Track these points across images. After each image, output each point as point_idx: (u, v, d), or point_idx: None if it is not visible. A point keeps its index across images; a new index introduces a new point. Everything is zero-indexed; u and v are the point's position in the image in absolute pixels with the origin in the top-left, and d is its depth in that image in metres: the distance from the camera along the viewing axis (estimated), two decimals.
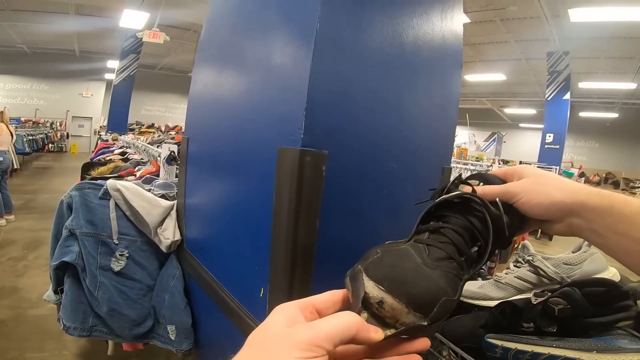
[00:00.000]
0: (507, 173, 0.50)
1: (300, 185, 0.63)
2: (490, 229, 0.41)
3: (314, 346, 0.25)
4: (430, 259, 0.37)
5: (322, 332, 0.26)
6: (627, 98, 10.90)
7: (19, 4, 8.48)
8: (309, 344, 0.25)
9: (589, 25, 6.39)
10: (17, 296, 2.59)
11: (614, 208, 0.38)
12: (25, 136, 9.56)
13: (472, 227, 0.42)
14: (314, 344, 0.25)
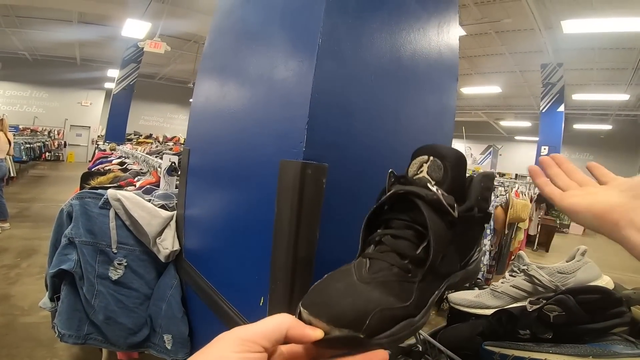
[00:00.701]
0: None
1: (301, 197, 0.65)
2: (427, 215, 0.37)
3: (249, 342, 0.27)
4: (369, 273, 0.38)
5: (256, 329, 0.28)
6: (621, 109, 11.07)
7: (23, 11, 8.58)
8: (245, 340, 0.27)
9: (582, 37, 6.54)
10: (8, 304, 2.56)
11: None
12: (23, 144, 9.54)
13: (414, 223, 0.39)
14: (249, 340, 0.27)
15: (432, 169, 0.40)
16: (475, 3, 6.79)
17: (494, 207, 4.06)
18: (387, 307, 0.35)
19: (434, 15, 0.95)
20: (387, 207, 0.43)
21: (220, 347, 0.26)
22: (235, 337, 0.27)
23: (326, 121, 0.69)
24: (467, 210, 0.40)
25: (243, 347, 0.26)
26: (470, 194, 0.42)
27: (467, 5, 6.74)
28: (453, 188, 0.40)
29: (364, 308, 0.34)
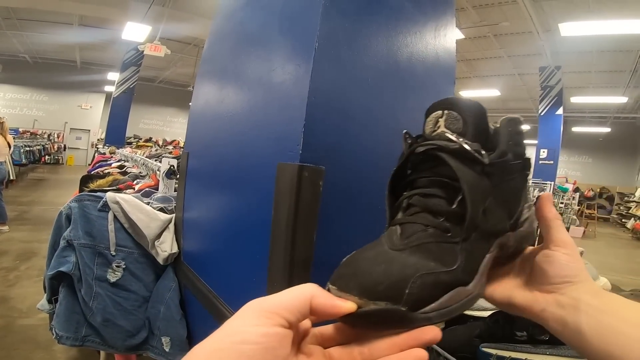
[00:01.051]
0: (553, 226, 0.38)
1: (298, 199, 0.65)
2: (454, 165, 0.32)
3: (269, 313, 0.24)
4: (401, 239, 0.33)
5: (276, 300, 0.26)
6: (619, 112, 11.12)
7: (24, 13, 8.62)
8: (264, 311, 0.24)
9: (580, 39, 6.58)
10: (7, 306, 2.56)
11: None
12: (23, 147, 9.55)
13: (442, 177, 0.34)
14: (269, 312, 0.24)
15: (449, 122, 0.35)
16: (474, 6, 6.83)
17: None
18: (428, 272, 0.30)
19: (431, 18, 0.96)
20: (409, 171, 0.37)
21: (239, 320, 0.24)
22: (254, 308, 0.25)
23: (323, 124, 0.69)
24: (499, 157, 0.35)
25: (263, 320, 0.24)
26: (499, 141, 0.36)
27: (465, 8, 6.79)
28: (477, 137, 0.34)
29: (401, 275, 0.29)
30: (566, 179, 11.10)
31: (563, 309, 0.33)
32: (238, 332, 0.23)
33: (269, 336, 0.23)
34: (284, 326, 0.24)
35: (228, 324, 0.24)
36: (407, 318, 0.28)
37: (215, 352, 0.22)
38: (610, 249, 7.80)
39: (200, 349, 0.23)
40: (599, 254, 6.79)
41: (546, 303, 0.34)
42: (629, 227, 11.08)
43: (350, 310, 0.27)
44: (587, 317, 0.31)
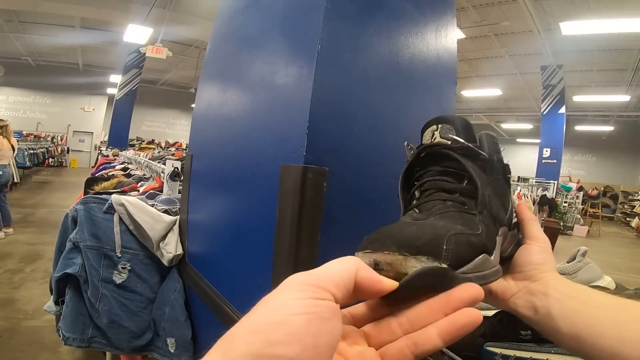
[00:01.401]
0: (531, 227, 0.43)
1: (302, 200, 0.66)
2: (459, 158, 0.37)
3: (314, 287, 0.22)
4: (423, 214, 0.35)
5: (321, 273, 0.23)
6: (622, 110, 11.06)
7: (26, 16, 8.67)
8: (308, 285, 0.22)
9: (581, 38, 6.56)
10: (12, 308, 2.57)
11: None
12: (26, 150, 9.61)
13: (448, 168, 0.38)
14: (314, 285, 0.22)
15: (444, 132, 0.40)
16: (474, 6, 6.82)
17: None
18: (459, 232, 0.30)
19: (432, 19, 0.97)
20: (417, 170, 0.41)
21: (282, 294, 0.21)
22: (298, 282, 0.22)
23: (327, 125, 0.70)
24: (489, 155, 0.40)
25: (307, 294, 0.21)
26: (484, 146, 0.42)
27: (465, 8, 6.78)
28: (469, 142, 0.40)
29: (434, 233, 0.28)
30: (569, 177, 11.06)
31: (533, 295, 0.35)
32: (286, 305, 0.21)
33: (320, 307, 0.21)
34: (329, 299, 0.22)
35: (271, 298, 0.22)
36: (450, 277, 0.27)
37: (263, 327, 0.19)
38: (615, 248, 7.75)
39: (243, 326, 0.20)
40: (604, 253, 6.76)
41: (518, 289, 0.37)
42: (633, 226, 11.02)
43: (393, 288, 0.25)
44: (556, 302, 0.33)
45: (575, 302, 0.33)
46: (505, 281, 0.39)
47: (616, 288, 0.90)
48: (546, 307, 0.34)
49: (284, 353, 0.18)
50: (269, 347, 0.18)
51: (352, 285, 0.24)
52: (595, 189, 13.59)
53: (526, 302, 0.36)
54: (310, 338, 0.19)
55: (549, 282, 0.36)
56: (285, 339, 0.19)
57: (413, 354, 0.25)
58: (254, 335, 0.19)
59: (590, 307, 0.32)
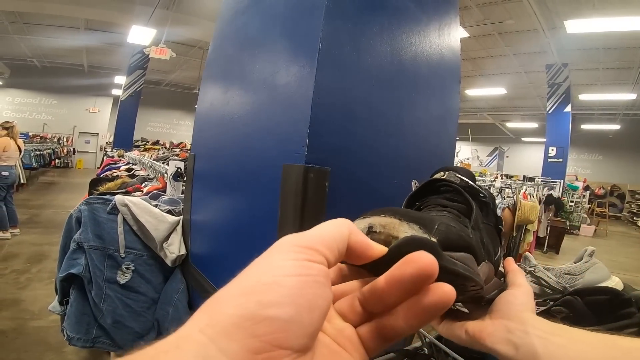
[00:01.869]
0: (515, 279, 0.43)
1: (304, 200, 0.66)
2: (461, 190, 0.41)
3: (306, 249, 0.21)
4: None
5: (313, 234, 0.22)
6: (628, 109, 10.93)
7: (31, 18, 8.75)
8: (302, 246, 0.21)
9: (586, 37, 6.49)
10: (18, 308, 2.59)
11: None
12: (33, 151, 9.70)
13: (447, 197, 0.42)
14: (306, 247, 0.21)
15: (449, 176, 0.44)
16: (477, 4, 6.78)
17: (501, 209, 4.03)
18: (451, 224, 0.31)
19: (434, 18, 0.96)
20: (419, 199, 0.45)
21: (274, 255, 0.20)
22: (290, 243, 0.21)
23: (328, 125, 0.70)
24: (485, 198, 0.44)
25: (300, 255, 0.20)
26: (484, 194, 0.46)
27: (468, 7, 6.73)
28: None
29: (428, 217, 0.30)
30: (576, 177, 10.95)
31: (511, 332, 0.34)
32: (279, 266, 0.19)
33: (313, 269, 0.20)
34: (321, 262, 0.21)
35: (262, 260, 0.20)
36: (437, 252, 0.26)
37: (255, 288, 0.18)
38: (622, 248, 7.67)
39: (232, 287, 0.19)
40: (611, 253, 6.69)
41: (494, 328, 0.36)
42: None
43: (382, 253, 0.25)
44: (539, 339, 0.32)
45: (560, 339, 0.32)
46: (482, 321, 0.38)
47: (624, 288, 0.88)
48: (529, 345, 0.32)
49: (278, 315, 0.17)
50: (262, 308, 0.17)
51: (345, 249, 0.23)
52: (602, 188, 13.46)
53: (504, 340, 0.35)
54: (305, 301, 0.18)
55: (527, 320, 0.35)
56: (279, 301, 0.17)
57: (384, 337, 0.24)
58: (244, 296, 0.18)
59: (576, 342, 0.31)
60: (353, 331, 0.24)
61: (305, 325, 0.18)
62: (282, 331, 0.17)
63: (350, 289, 0.27)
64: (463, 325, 0.39)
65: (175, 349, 0.16)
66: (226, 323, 0.17)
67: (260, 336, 0.16)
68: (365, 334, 0.24)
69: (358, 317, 0.25)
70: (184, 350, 0.16)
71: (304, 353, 0.18)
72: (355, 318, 0.25)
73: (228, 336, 0.16)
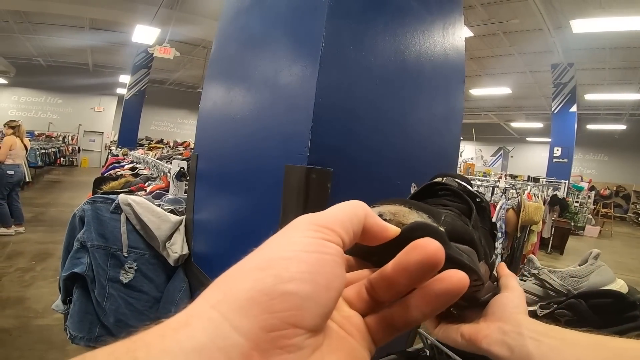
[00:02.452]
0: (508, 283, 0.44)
1: (306, 201, 0.65)
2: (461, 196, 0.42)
3: (324, 227, 0.20)
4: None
5: (330, 214, 0.22)
6: (634, 109, 10.83)
7: (36, 17, 8.82)
8: (319, 225, 0.20)
9: (592, 36, 6.43)
10: (23, 306, 2.61)
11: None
12: (38, 150, 9.77)
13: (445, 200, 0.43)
14: (322, 226, 0.20)
15: (448, 181, 0.45)
16: (482, 4, 6.73)
17: (506, 210, 4.00)
18: (455, 218, 0.32)
19: (438, 17, 0.95)
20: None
21: (292, 232, 0.20)
22: (308, 221, 0.21)
23: (331, 125, 0.69)
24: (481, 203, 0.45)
25: (316, 234, 0.20)
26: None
27: (473, 6, 6.69)
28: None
29: (435, 209, 0.31)
30: (581, 177, 10.87)
31: (506, 334, 0.35)
32: (298, 242, 0.19)
33: (330, 247, 0.19)
34: (337, 242, 0.20)
35: (280, 236, 0.20)
36: (444, 241, 0.26)
37: (273, 262, 0.18)
38: (627, 249, 7.60)
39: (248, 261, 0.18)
40: (616, 254, 6.63)
41: (489, 330, 0.36)
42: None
43: (396, 234, 0.25)
44: (532, 340, 0.33)
45: (553, 340, 0.32)
46: (477, 324, 0.39)
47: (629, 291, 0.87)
48: (523, 346, 0.33)
49: (296, 290, 0.16)
50: (280, 283, 0.16)
51: (360, 231, 0.23)
52: (607, 189, 13.34)
53: (499, 342, 0.35)
54: (324, 279, 0.18)
55: (521, 322, 0.36)
56: (298, 276, 0.17)
57: (393, 327, 0.24)
58: (262, 271, 0.17)
59: (569, 344, 0.32)
60: (360, 319, 0.24)
61: (322, 304, 0.18)
62: (299, 308, 0.16)
63: (358, 278, 0.26)
64: (459, 329, 0.39)
65: (185, 327, 0.15)
66: (241, 298, 0.16)
67: (276, 312, 0.16)
68: (373, 323, 0.24)
69: (365, 306, 0.24)
70: (193, 327, 0.15)
71: (316, 334, 0.18)
72: (362, 306, 0.24)
73: (242, 312, 0.16)
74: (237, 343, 0.15)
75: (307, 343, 0.17)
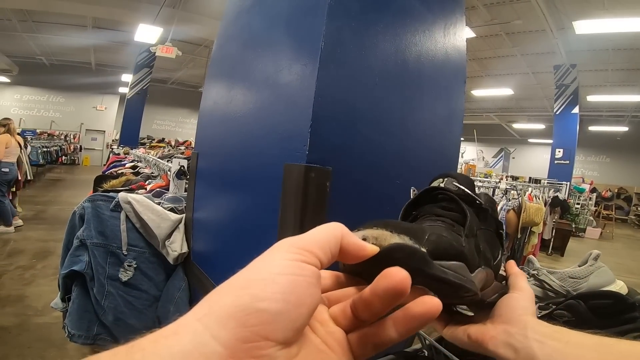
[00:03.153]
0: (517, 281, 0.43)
1: (305, 200, 0.65)
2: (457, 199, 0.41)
3: (302, 249, 0.23)
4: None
5: (308, 236, 0.24)
6: (637, 111, 10.79)
7: (40, 16, 8.84)
8: (298, 247, 0.23)
9: (595, 37, 6.41)
10: (22, 304, 2.61)
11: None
12: (40, 148, 9.80)
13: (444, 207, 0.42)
14: (301, 248, 0.23)
15: (447, 184, 0.44)
16: (484, 4, 6.72)
17: (506, 211, 4.00)
18: (442, 234, 0.32)
19: (440, 17, 0.95)
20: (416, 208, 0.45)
21: (272, 254, 0.22)
22: (287, 244, 0.23)
23: (330, 124, 0.69)
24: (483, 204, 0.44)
25: (296, 256, 0.22)
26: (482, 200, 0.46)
27: (476, 7, 6.68)
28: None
29: (420, 227, 0.31)
30: (582, 179, 10.83)
31: (511, 336, 0.35)
32: (275, 265, 0.21)
33: (305, 269, 0.22)
34: (315, 263, 0.23)
35: (261, 258, 0.22)
36: (427, 261, 0.28)
37: (251, 282, 0.20)
38: (628, 251, 7.57)
39: (232, 281, 0.21)
40: (617, 256, 6.61)
41: (495, 331, 0.37)
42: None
43: (374, 252, 0.26)
44: (537, 342, 0.33)
45: (557, 343, 0.33)
46: (484, 325, 0.39)
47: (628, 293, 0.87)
48: (528, 348, 0.34)
49: (268, 308, 0.19)
50: (255, 301, 0.19)
51: (337, 250, 0.25)
52: (608, 191, 13.30)
53: (505, 344, 0.36)
54: (294, 298, 0.20)
55: (527, 324, 0.36)
56: (270, 296, 0.19)
57: (372, 344, 0.26)
58: (242, 290, 0.20)
59: (573, 346, 0.32)
60: (343, 335, 0.26)
61: (292, 319, 0.20)
62: (270, 323, 0.19)
63: (345, 296, 0.28)
64: (466, 330, 0.40)
65: (174, 335, 0.18)
66: (222, 313, 0.19)
67: (250, 327, 0.18)
68: (355, 339, 0.26)
69: (349, 323, 0.26)
70: (180, 335, 0.18)
71: (288, 346, 0.20)
72: (347, 323, 0.26)
73: (221, 325, 0.18)
74: (216, 351, 0.18)
75: (279, 354, 0.19)
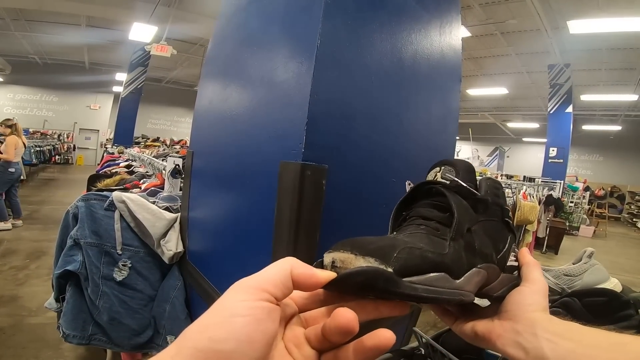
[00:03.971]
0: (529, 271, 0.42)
1: (301, 198, 0.65)
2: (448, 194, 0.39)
3: (255, 289, 0.25)
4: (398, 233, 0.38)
5: (260, 275, 0.27)
6: (630, 110, 10.90)
7: (33, 15, 8.74)
8: (250, 288, 0.25)
9: (589, 37, 6.46)
10: (16, 304, 2.59)
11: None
12: (33, 147, 9.68)
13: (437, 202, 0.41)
14: (254, 288, 0.25)
15: (445, 173, 0.43)
16: (480, 4, 6.75)
17: None
18: (416, 247, 0.32)
19: (436, 16, 0.95)
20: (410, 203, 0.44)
21: (229, 296, 0.25)
22: (240, 286, 0.26)
23: (326, 122, 0.69)
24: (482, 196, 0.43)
25: (250, 296, 0.25)
26: (482, 188, 0.44)
27: (471, 6, 6.71)
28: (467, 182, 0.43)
29: (391, 243, 0.31)
30: (576, 177, 10.93)
31: (519, 335, 0.34)
32: (227, 307, 0.24)
33: (256, 309, 0.24)
34: (270, 301, 0.25)
35: (218, 302, 0.25)
36: (393, 281, 0.28)
37: (208, 327, 0.23)
38: (621, 249, 7.66)
39: (194, 326, 0.24)
40: (610, 254, 6.68)
41: (503, 329, 0.36)
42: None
43: (329, 279, 0.28)
44: (548, 342, 0.32)
45: (569, 342, 0.31)
46: (491, 322, 0.38)
47: (622, 290, 0.88)
48: (538, 349, 0.32)
49: (224, 348, 0.22)
50: (212, 343, 0.22)
51: (290, 282, 0.27)
52: (602, 189, 13.44)
53: (513, 343, 0.35)
54: (245, 336, 0.23)
55: (536, 321, 0.34)
56: (224, 337, 0.22)
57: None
58: (200, 333, 0.23)
59: (586, 346, 0.31)
60: (316, 357, 0.28)
61: (248, 355, 0.23)
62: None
63: (322, 316, 0.30)
64: (474, 326, 0.39)
65: None
66: (187, 354, 0.22)
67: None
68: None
69: (321, 345, 0.28)
70: None
71: None
72: (319, 345, 0.28)
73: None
74: None
75: None
